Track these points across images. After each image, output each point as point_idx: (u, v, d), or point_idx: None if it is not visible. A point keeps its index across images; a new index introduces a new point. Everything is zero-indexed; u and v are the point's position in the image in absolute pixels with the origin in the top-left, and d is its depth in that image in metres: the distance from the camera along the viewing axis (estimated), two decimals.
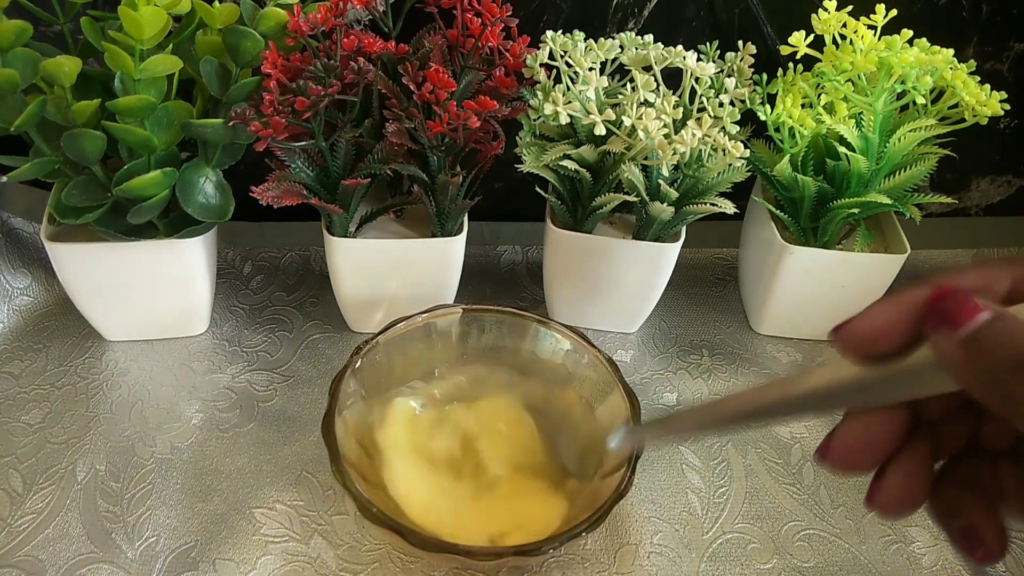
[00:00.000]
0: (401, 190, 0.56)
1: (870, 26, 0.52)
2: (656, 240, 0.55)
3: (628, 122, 0.48)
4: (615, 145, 0.50)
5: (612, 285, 0.58)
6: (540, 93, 0.51)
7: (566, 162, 0.51)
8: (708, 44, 0.55)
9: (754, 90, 0.54)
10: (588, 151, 0.51)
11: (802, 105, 0.54)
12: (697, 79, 0.50)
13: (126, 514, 0.48)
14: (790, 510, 0.51)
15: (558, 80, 0.51)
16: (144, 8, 0.42)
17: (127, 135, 0.46)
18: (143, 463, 0.51)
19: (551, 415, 0.50)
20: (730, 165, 0.52)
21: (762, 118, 0.53)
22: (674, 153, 0.48)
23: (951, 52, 0.51)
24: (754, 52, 0.54)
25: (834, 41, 0.53)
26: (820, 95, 0.53)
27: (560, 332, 0.50)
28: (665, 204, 0.51)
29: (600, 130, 0.48)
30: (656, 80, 0.49)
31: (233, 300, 0.62)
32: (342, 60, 0.48)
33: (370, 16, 0.53)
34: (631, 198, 0.52)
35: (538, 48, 0.51)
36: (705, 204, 0.52)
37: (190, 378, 0.56)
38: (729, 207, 0.52)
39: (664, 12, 0.60)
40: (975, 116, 0.51)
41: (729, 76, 0.53)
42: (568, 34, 0.51)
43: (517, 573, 0.46)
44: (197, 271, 0.55)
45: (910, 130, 0.53)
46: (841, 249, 0.58)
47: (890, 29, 0.51)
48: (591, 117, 0.48)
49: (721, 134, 0.48)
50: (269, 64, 0.46)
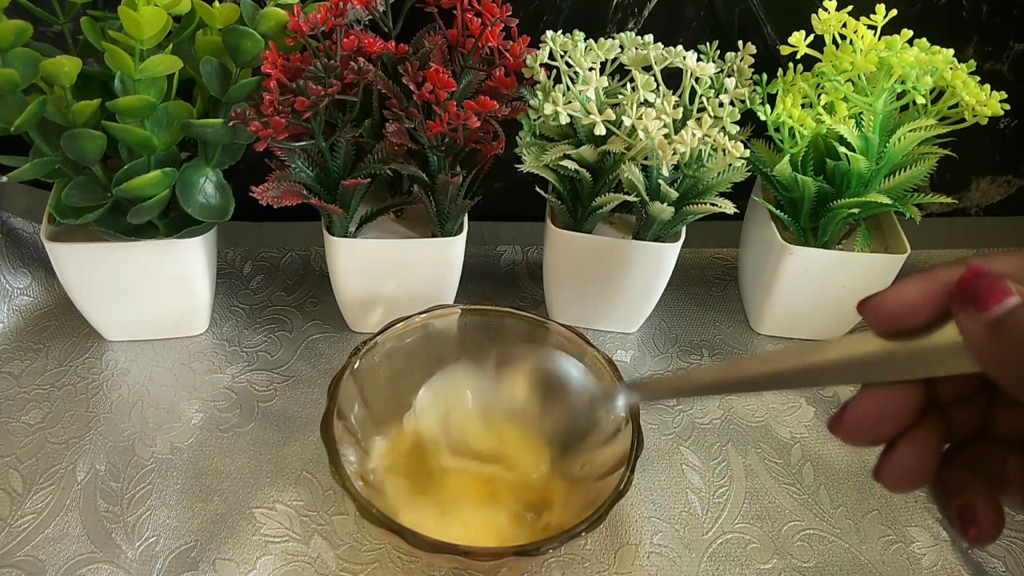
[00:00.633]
0: (401, 190, 0.56)
1: (870, 26, 0.52)
2: (656, 240, 0.55)
3: (628, 122, 0.48)
4: (615, 145, 0.50)
5: (612, 285, 0.58)
6: (540, 93, 0.51)
7: (566, 162, 0.51)
8: (708, 44, 0.55)
9: (754, 90, 0.54)
10: (588, 151, 0.51)
11: (802, 105, 0.54)
12: (697, 79, 0.50)
13: (126, 514, 0.48)
14: (790, 510, 0.51)
15: (558, 80, 0.51)
16: (144, 8, 0.42)
17: (127, 135, 0.46)
18: (143, 463, 0.51)
19: (548, 410, 0.50)
20: (730, 165, 0.52)
21: (762, 118, 0.53)
22: (674, 153, 0.48)
23: (951, 52, 0.51)
24: (754, 52, 0.54)
25: (834, 41, 0.53)
26: (820, 95, 0.53)
27: (559, 332, 0.50)
28: (665, 204, 0.51)
29: (600, 130, 0.48)
30: (656, 80, 0.49)
31: (233, 300, 0.62)
32: (342, 60, 0.48)
33: (370, 16, 0.53)
34: (631, 198, 0.52)
35: (538, 48, 0.51)
36: (705, 204, 0.52)
37: (190, 378, 0.56)
38: (729, 207, 0.52)
39: (664, 12, 0.60)
40: (975, 116, 0.51)
41: (729, 76, 0.53)
42: (568, 34, 0.52)
43: (517, 573, 0.46)
44: (197, 271, 0.55)
45: (910, 130, 0.53)
46: (841, 249, 0.58)
47: (890, 29, 0.51)
48: (591, 117, 0.48)
49: (721, 134, 0.49)
50: (269, 64, 0.46)
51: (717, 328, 0.64)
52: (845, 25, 0.52)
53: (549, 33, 0.51)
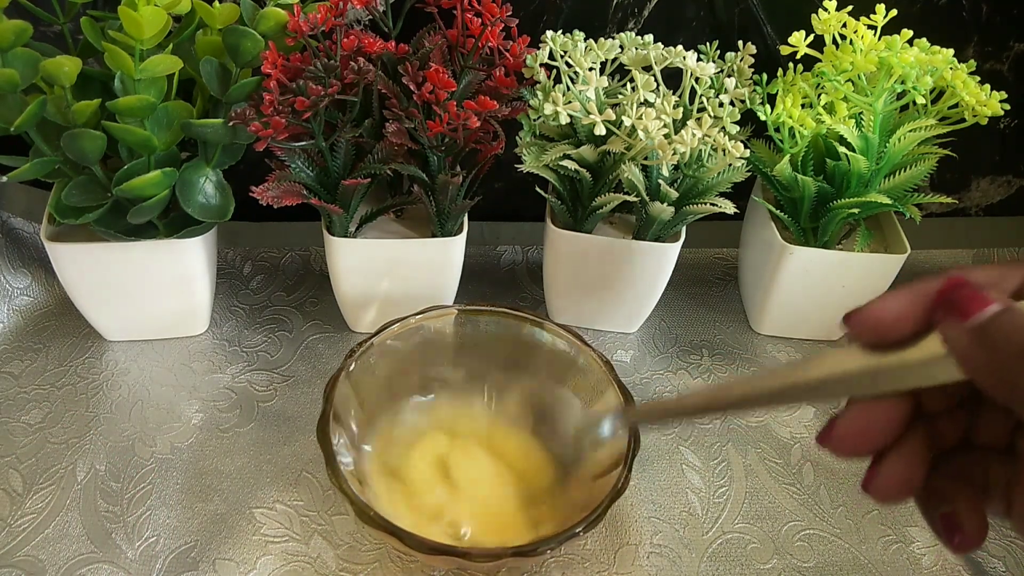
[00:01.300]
0: (401, 190, 0.56)
1: (870, 26, 0.52)
2: (656, 240, 0.55)
3: (628, 122, 0.48)
4: (615, 145, 0.50)
5: (612, 285, 0.58)
6: (540, 93, 0.51)
7: (566, 162, 0.51)
8: (708, 44, 0.55)
9: (754, 90, 0.54)
10: (588, 151, 0.51)
11: (802, 105, 0.54)
12: (697, 79, 0.50)
13: (126, 514, 0.48)
14: (790, 510, 0.51)
15: (558, 80, 0.51)
16: (144, 8, 0.42)
17: (127, 135, 0.46)
18: (143, 463, 0.51)
19: (545, 412, 0.50)
20: (730, 165, 0.52)
21: (762, 118, 0.53)
22: (674, 153, 0.48)
23: (951, 52, 0.51)
24: (754, 52, 0.54)
25: (834, 41, 0.53)
26: (820, 95, 0.53)
27: (555, 332, 0.50)
28: (665, 204, 0.51)
29: (600, 130, 0.48)
30: (656, 80, 0.49)
31: (233, 300, 0.62)
32: (342, 60, 0.48)
33: (370, 16, 0.53)
34: (631, 198, 0.52)
35: (538, 48, 0.51)
36: (705, 204, 0.52)
37: (190, 378, 0.56)
38: (729, 207, 0.52)
39: (664, 12, 0.60)
40: (975, 116, 0.51)
41: (729, 76, 0.53)
42: (568, 34, 0.52)
43: (516, 573, 0.46)
44: (197, 271, 0.55)
45: (910, 130, 0.53)
46: (841, 249, 0.58)
47: (890, 29, 0.51)
48: (591, 117, 0.48)
49: (721, 134, 0.49)
50: (269, 64, 0.46)
51: (717, 328, 0.64)
52: (845, 25, 0.52)
53: (549, 33, 0.51)
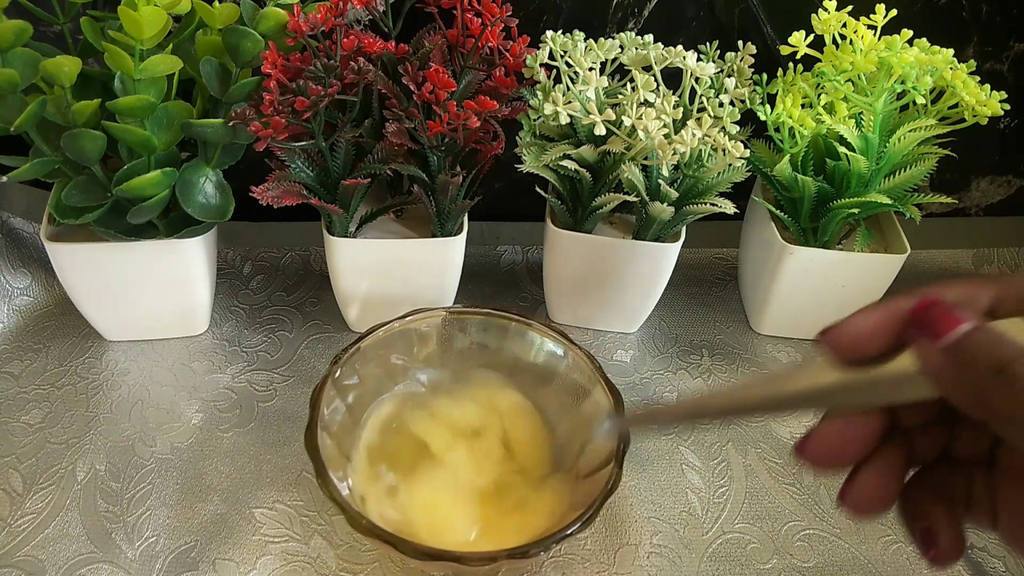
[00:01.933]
0: (401, 190, 0.56)
1: (870, 26, 0.52)
2: (656, 240, 0.55)
3: (628, 122, 0.48)
4: (615, 145, 0.50)
5: (612, 285, 0.58)
6: (540, 93, 0.51)
7: (566, 162, 0.51)
8: (708, 44, 0.55)
9: (754, 90, 0.54)
10: (588, 151, 0.51)
11: (802, 105, 0.54)
12: (697, 79, 0.50)
13: (126, 514, 0.48)
14: (790, 510, 0.51)
15: (558, 80, 0.51)
16: (144, 8, 0.42)
17: (127, 135, 0.46)
18: (143, 463, 0.51)
19: (535, 410, 0.50)
20: (730, 165, 0.52)
21: (762, 118, 0.53)
22: (674, 153, 0.48)
23: (951, 52, 0.51)
24: (754, 52, 0.54)
25: (834, 41, 0.53)
26: (820, 95, 0.53)
27: (542, 332, 0.50)
28: (665, 204, 0.51)
29: (600, 130, 0.48)
30: (656, 80, 0.49)
31: (233, 300, 0.62)
32: (342, 60, 0.48)
33: (370, 16, 0.53)
34: (631, 198, 0.52)
35: (538, 48, 0.51)
36: (705, 204, 0.52)
37: (190, 378, 0.56)
38: (729, 207, 0.52)
39: (664, 12, 0.60)
40: (975, 116, 0.51)
41: (729, 76, 0.53)
42: (568, 34, 0.52)
43: (516, 574, 0.46)
44: (197, 271, 0.55)
45: (910, 130, 0.53)
46: (841, 249, 0.58)
47: (890, 29, 0.51)
48: (591, 117, 0.48)
49: (721, 134, 0.49)
50: (269, 64, 0.46)
51: (717, 328, 0.64)
52: (845, 25, 0.52)
53: (549, 33, 0.51)
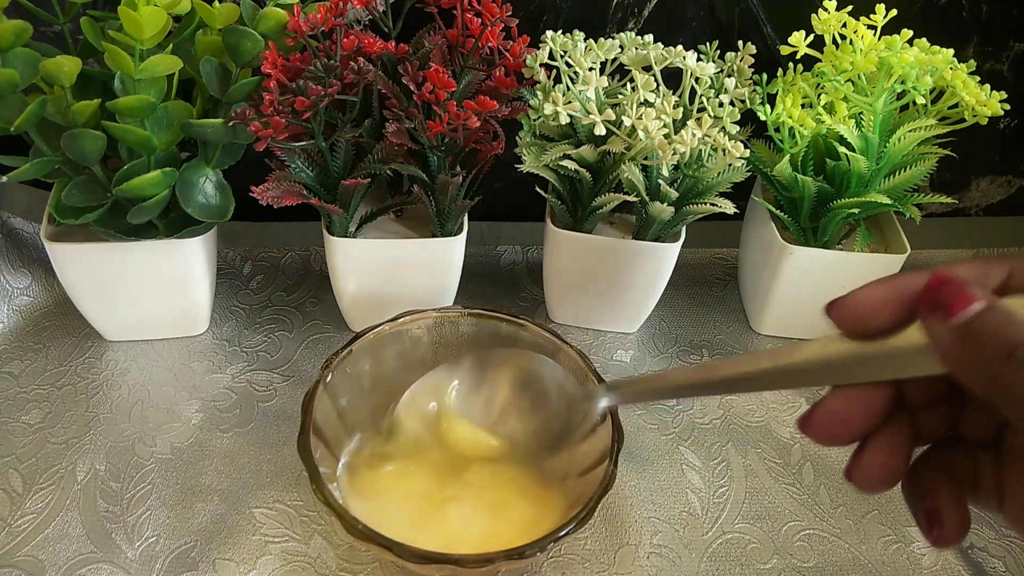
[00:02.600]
0: (401, 190, 0.56)
1: (870, 26, 0.52)
2: (656, 240, 0.55)
3: (628, 122, 0.48)
4: (615, 145, 0.50)
5: (612, 285, 0.58)
6: (540, 93, 0.51)
7: (566, 162, 0.51)
8: (708, 44, 0.55)
9: (754, 90, 0.54)
10: (588, 151, 0.51)
11: (802, 105, 0.54)
12: (697, 79, 0.50)
13: (126, 514, 0.48)
14: (790, 510, 0.51)
15: (558, 80, 0.51)
16: (144, 8, 0.42)
17: (127, 135, 0.46)
18: (143, 463, 0.51)
19: (527, 406, 0.50)
20: (730, 165, 0.52)
21: (762, 118, 0.53)
22: (674, 153, 0.48)
23: (951, 52, 0.51)
24: (754, 52, 0.54)
25: (834, 41, 0.53)
26: (820, 95, 0.53)
27: (534, 332, 0.49)
28: (665, 204, 0.51)
29: (600, 130, 0.48)
30: (656, 80, 0.49)
31: (233, 300, 0.62)
32: (342, 60, 0.48)
33: (370, 16, 0.53)
34: (631, 198, 0.52)
35: (538, 48, 0.51)
36: (705, 204, 0.52)
37: (190, 378, 0.56)
38: (729, 207, 0.52)
39: (664, 12, 0.60)
40: (975, 116, 0.51)
41: (729, 76, 0.53)
42: (568, 34, 0.52)
43: (516, 574, 0.46)
44: (197, 271, 0.55)
45: (910, 130, 0.53)
46: (841, 249, 0.58)
47: (890, 29, 0.51)
48: (591, 117, 0.48)
49: (721, 134, 0.49)
50: (269, 64, 0.46)
51: (717, 328, 0.64)
52: (845, 25, 0.52)
53: (549, 33, 0.51)
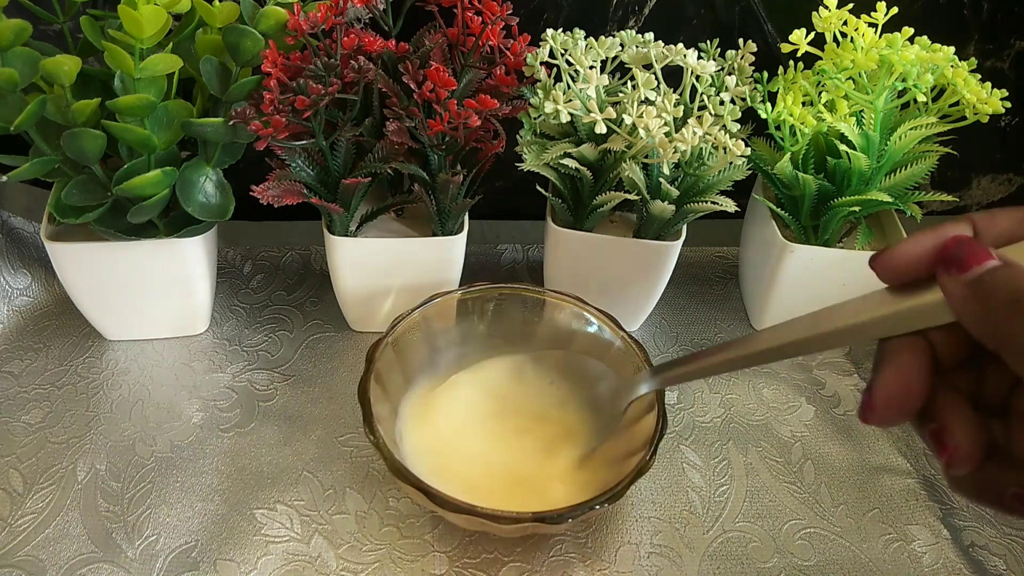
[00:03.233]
0: (402, 189, 0.56)
1: (871, 24, 0.52)
2: (657, 238, 0.55)
3: (629, 120, 0.48)
4: (616, 143, 0.50)
5: (613, 284, 0.58)
6: (541, 91, 0.51)
7: (567, 160, 0.51)
8: (709, 42, 0.55)
9: (755, 88, 0.54)
10: (589, 149, 0.51)
11: (803, 103, 0.53)
12: (698, 77, 0.50)
13: (126, 514, 0.48)
14: (791, 509, 0.51)
15: (559, 78, 0.51)
16: (144, 7, 0.42)
17: (127, 134, 0.46)
18: (143, 462, 0.51)
19: (580, 381, 0.51)
20: (731, 163, 0.52)
21: (763, 116, 0.53)
22: (675, 151, 0.48)
23: (952, 50, 0.51)
24: (755, 50, 0.54)
25: (835, 39, 0.53)
26: (821, 93, 0.53)
27: (557, 299, 0.53)
28: (666, 202, 0.51)
29: (601, 128, 0.48)
30: (657, 78, 0.49)
31: (233, 299, 0.62)
32: (342, 59, 0.48)
33: (370, 15, 0.53)
34: (632, 196, 0.52)
35: (538, 46, 0.50)
36: (706, 202, 0.52)
37: (190, 377, 0.56)
38: (730, 205, 0.52)
39: (665, 10, 0.60)
40: (976, 114, 0.51)
41: (730, 74, 0.53)
42: (568, 32, 0.51)
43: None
44: (197, 271, 0.55)
45: (911, 128, 0.53)
46: (842, 247, 0.58)
47: (891, 27, 0.51)
48: (592, 115, 0.48)
49: (722, 132, 0.48)
50: (269, 63, 0.46)
51: (718, 327, 0.64)
52: (846, 23, 0.52)
53: (550, 31, 0.51)
